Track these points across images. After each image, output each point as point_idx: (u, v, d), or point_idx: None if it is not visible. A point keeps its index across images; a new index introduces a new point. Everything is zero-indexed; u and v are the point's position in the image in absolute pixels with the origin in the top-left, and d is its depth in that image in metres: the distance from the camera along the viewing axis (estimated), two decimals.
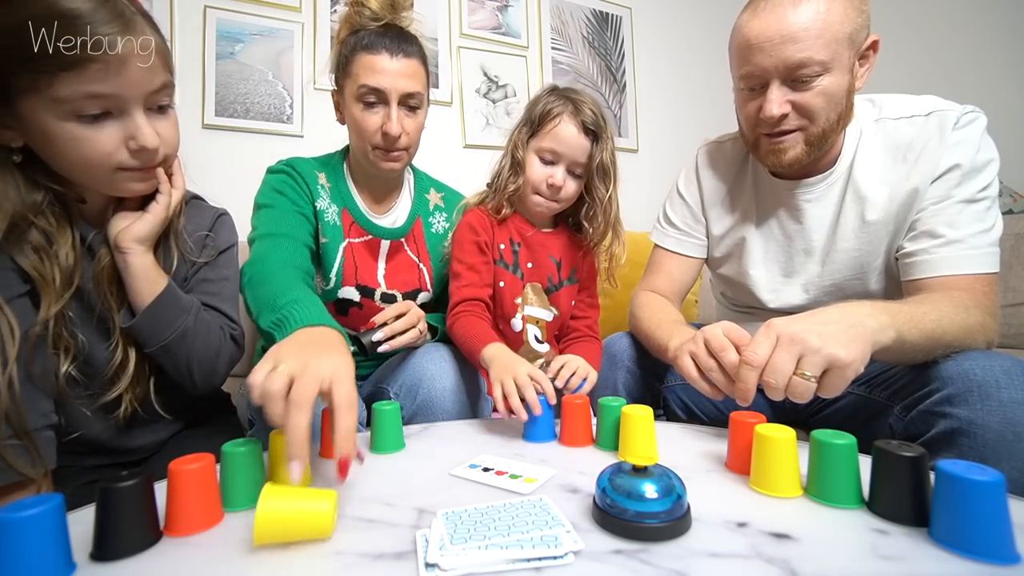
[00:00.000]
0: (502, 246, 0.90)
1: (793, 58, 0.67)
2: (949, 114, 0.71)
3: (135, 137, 0.55)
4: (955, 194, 0.70)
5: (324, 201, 0.89)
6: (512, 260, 0.91)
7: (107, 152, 0.55)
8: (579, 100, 0.85)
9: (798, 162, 0.74)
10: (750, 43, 0.70)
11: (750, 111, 0.75)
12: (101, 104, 0.53)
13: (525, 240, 0.92)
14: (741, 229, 0.87)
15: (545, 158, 0.85)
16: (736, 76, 0.76)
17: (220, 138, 1.52)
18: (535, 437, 0.63)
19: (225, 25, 1.54)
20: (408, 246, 0.96)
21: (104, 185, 0.59)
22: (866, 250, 0.77)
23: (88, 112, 0.52)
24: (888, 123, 0.76)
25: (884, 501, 0.40)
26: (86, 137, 0.53)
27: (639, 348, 0.86)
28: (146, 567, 0.36)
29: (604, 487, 0.40)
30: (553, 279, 0.93)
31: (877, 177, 0.75)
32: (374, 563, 0.36)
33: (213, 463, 0.42)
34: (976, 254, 0.68)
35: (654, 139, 2.22)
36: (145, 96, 0.55)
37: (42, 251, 0.58)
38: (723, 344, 0.58)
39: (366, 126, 0.84)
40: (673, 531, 0.37)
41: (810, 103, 0.69)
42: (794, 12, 0.67)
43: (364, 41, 0.83)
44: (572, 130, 0.83)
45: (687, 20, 2.24)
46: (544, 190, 0.86)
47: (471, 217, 0.90)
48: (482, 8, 1.97)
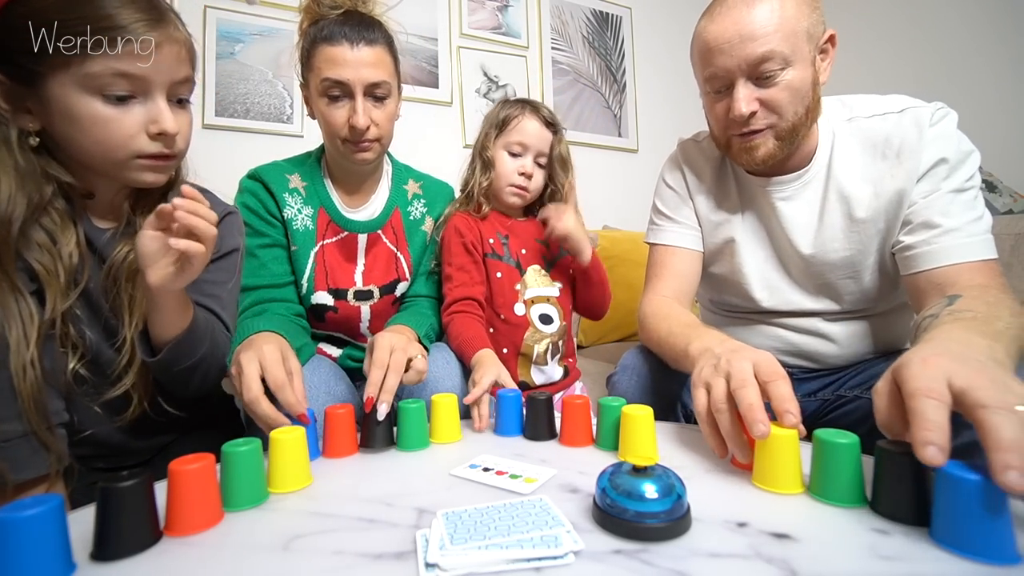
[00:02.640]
0: (491, 240, 0.97)
1: (755, 54, 0.68)
2: (923, 111, 0.72)
3: (156, 121, 0.57)
4: (943, 186, 0.70)
5: (293, 208, 0.88)
6: (503, 250, 0.97)
7: (128, 135, 0.56)
8: (534, 102, 1.00)
9: (771, 158, 0.74)
10: (710, 46, 0.71)
11: (719, 113, 0.76)
12: (128, 85, 0.55)
13: (511, 230, 0.99)
14: (729, 227, 0.86)
15: (513, 151, 0.96)
16: (701, 80, 0.77)
17: (220, 138, 1.52)
18: (500, 431, 0.65)
19: (225, 25, 1.54)
20: (386, 236, 0.95)
21: (119, 171, 0.59)
22: (858, 249, 0.77)
23: (115, 91, 0.54)
24: (861, 121, 0.76)
25: (885, 500, 0.40)
26: (109, 117, 0.55)
27: (653, 362, 0.79)
28: (146, 567, 0.36)
29: (604, 487, 0.40)
30: (547, 256, 1.01)
31: (858, 174, 0.76)
32: (374, 563, 0.36)
33: (213, 463, 0.42)
34: (976, 241, 0.68)
35: (654, 139, 2.22)
36: (169, 84, 0.58)
37: (48, 249, 0.58)
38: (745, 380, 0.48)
39: (333, 120, 0.82)
40: (673, 531, 0.37)
41: (776, 98, 0.70)
42: (749, 12, 0.68)
43: (324, 32, 0.80)
44: (535, 124, 0.96)
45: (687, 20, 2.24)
46: (516, 179, 0.96)
47: (455, 221, 0.96)
48: (482, 8, 1.97)
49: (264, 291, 0.85)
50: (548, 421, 0.63)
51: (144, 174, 0.60)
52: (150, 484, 0.39)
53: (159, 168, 0.61)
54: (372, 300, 0.93)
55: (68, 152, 0.58)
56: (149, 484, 0.39)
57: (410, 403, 0.61)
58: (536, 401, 0.63)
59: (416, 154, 1.15)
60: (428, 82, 1.83)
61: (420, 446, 0.60)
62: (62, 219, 0.59)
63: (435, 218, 1.00)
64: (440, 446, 0.61)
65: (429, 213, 1.00)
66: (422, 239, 0.98)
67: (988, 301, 0.59)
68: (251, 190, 0.88)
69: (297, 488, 0.48)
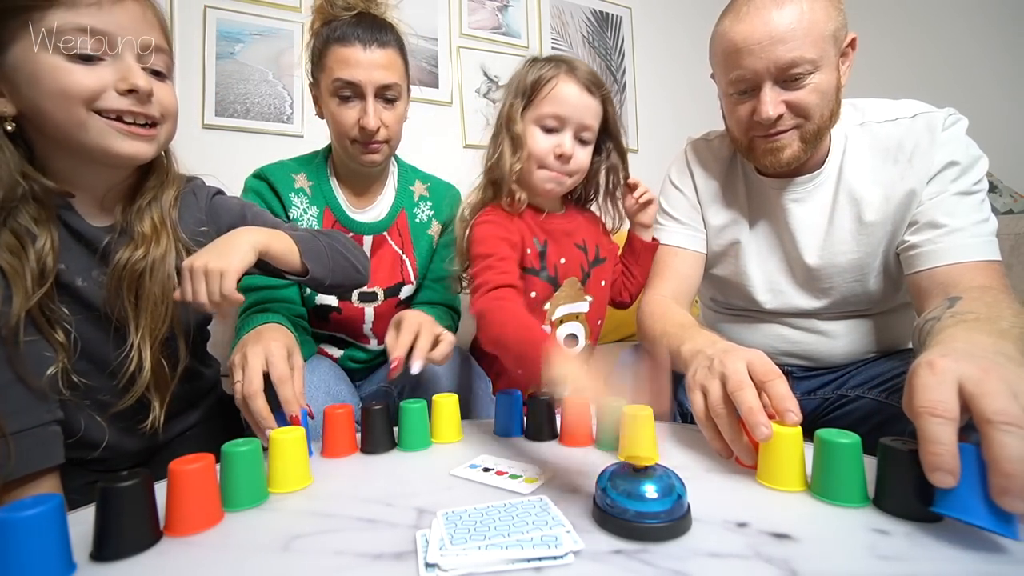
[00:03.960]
0: (528, 251, 0.78)
1: (784, 58, 0.67)
2: (935, 115, 0.72)
3: (125, 77, 0.53)
4: (950, 188, 0.70)
5: (299, 209, 0.88)
6: (539, 263, 0.79)
7: (89, 87, 0.52)
8: (571, 59, 0.78)
9: (796, 160, 0.74)
10: (738, 47, 0.70)
11: (742, 115, 0.75)
12: (93, 42, 0.52)
13: (549, 234, 0.81)
14: (735, 229, 0.86)
15: (547, 125, 0.76)
16: (724, 82, 0.75)
17: (220, 138, 1.52)
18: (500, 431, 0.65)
19: (225, 25, 1.54)
20: (391, 238, 0.94)
21: (85, 135, 0.53)
22: (865, 252, 0.77)
23: (79, 50, 0.51)
24: (873, 126, 0.76)
25: (890, 497, 0.41)
26: (70, 69, 0.51)
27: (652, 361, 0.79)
28: (146, 567, 0.36)
29: (604, 487, 0.40)
30: (585, 265, 0.84)
31: (868, 178, 0.76)
32: (374, 563, 0.36)
33: (213, 463, 0.42)
34: (980, 242, 0.68)
35: (654, 139, 2.22)
36: (139, 46, 0.54)
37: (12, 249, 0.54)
38: (741, 382, 0.48)
39: (343, 120, 0.83)
40: (673, 531, 0.37)
41: (804, 100, 0.70)
42: (779, 13, 0.67)
43: (336, 33, 0.80)
44: (574, 89, 0.75)
45: (687, 20, 2.24)
46: (552, 162, 0.76)
47: (490, 214, 0.78)
48: (482, 8, 1.97)
49: (266, 291, 0.85)
50: (549, 421, 0.63)
51: (116, 140, 0.54)
52: (150, 484, 0.39)
53: (137, 135, 0.55)
54: (376, 302, 0.93)
55: (42, 131, 0.55)
56: (149, 484, 0.39)
57: (411, 403, 0.61)
58: (537, 401, 0.63)
59: (416, 154, 1.14)
60: (428, 82, 1.83)
61: (421, 446, 0.60)
62: (36, 222, 0.56)
63: (441, 222, 0.99)
64: (440, 446, 0.61)
65: (435, 216, 0.99)
66: (428, 243, 0.98)
67: (988, 302, 0.59)
68: (256, 190, 0.88)
69: (297, 488, 0.48)
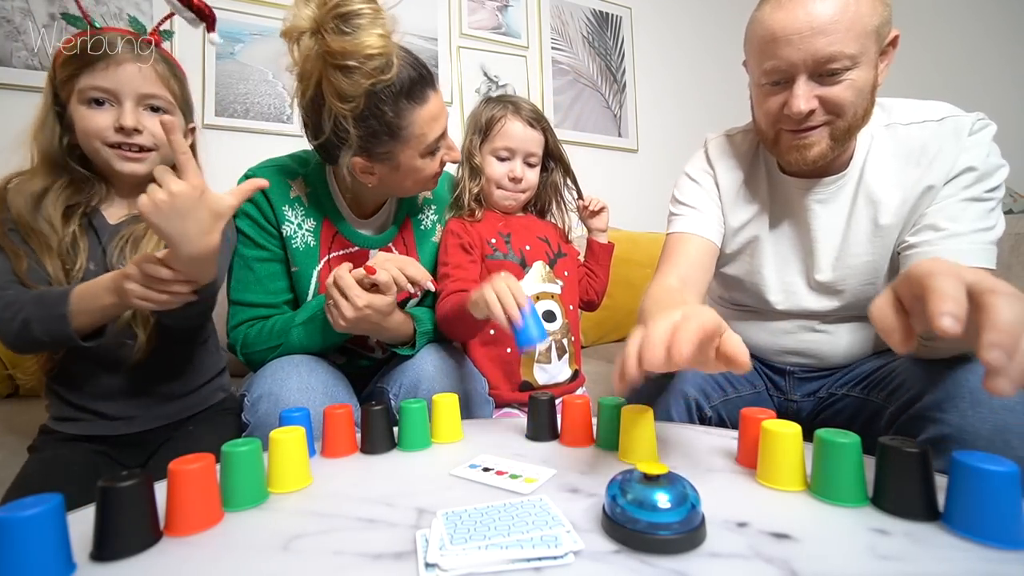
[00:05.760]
0: (492, 240, 0.97)
1: (823, 52, 0.65)
2: (963, 119, 0.71)
3: (118, 119, 0.73)
4: (961, 193, 0.69)
5: (292, 225, 0.84)
6: (506, 248, 0.97)
7: (99, 128, 0.73)
8: (516, 100, 0.99)
9: (823, 158, 0.72)
10: (776, 36, 0.67)
11: (771, 106, 0.72)
12: (102, 95, 0.73)
13: (512, 228, 0.99)
14: (754, 227, 0.84)
15: (501, 156, 0.97)
16: (757, 71, 0.72)
17: (220, 138, 1.52)
18: (526, 341, 0.66)
19: (225, 25, 1.54)
20: (396, 248, 0.94)
21: (99, 157, 0.75)
22: (880, 255, 0.76)
23: (92, 97, 0.73)
24: (899, 128, 0.75)
25: (889, 496, 0.41)
26: (86, 115, 0.73)
27: None
28: (146, 567, 0.36)
29: (614, 495, 0.39)
30: (550, 253, 1.01)
31: (890, 180, 0.74)
32: (374, 563, 0.36)
33: (213, 463, 0.42)
34: (976, 248, 0.67)
35: (654, 139, 2.22)
36: (137, 95, 0.74)
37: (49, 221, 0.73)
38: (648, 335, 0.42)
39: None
40: (689, 543, 0.36)
41: (839, 97, 0.67)
42: (822, 3, 0.64)
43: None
44: (519, 125, 0.96)
45: (687, 20, 2.24)
46: (506, 183, 0.98)
47: (451, 225, 0.97)
48: (482, 8, 1.97)
49: (259, 309, 0.84)
50: (549, 421, 0.63)
51: (116, 162, 0.75)
52: (150, 484, 0.39)
53: (129, 158, 0.75)
54: None
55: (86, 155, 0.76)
56: (149, 484, 0.39)
57: (411, 403, 0.61)
58: (537, 401, 0.63)
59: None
60: None
61: (421, 446, 0.60)
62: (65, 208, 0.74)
63: (444, 225, 0.99)
64: (440, 446, 0.61)
65: (439, 221, 0.99)
66: (432, 249, 0.97)
67: None
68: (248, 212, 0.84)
69: (297, 488, 0.48)
